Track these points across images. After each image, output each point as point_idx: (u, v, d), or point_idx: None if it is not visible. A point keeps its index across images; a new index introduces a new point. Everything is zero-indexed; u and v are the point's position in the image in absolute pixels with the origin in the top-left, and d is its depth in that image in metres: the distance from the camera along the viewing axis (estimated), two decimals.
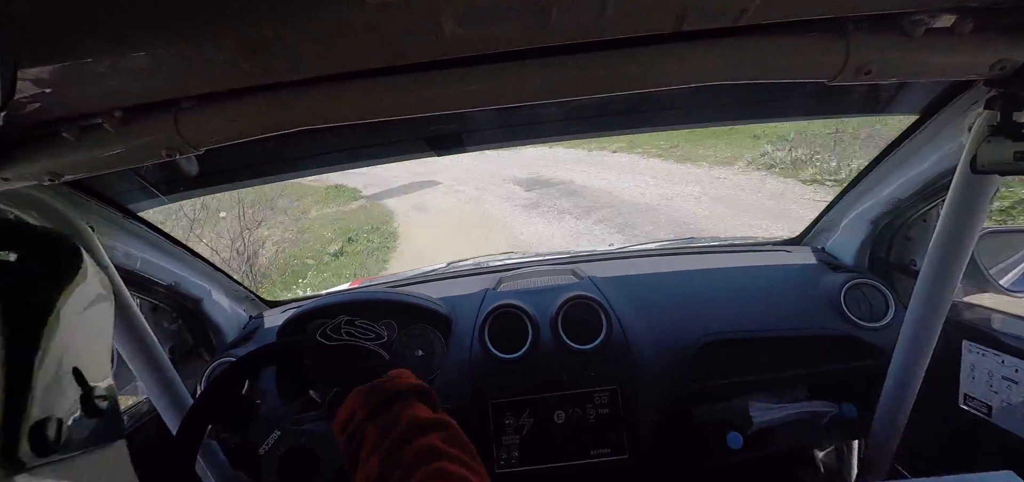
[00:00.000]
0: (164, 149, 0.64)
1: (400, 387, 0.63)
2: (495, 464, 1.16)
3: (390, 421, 0.58)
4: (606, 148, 9.76)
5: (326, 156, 1.13)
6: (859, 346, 1.21)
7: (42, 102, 0.54)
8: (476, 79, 0.60)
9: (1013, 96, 0.66)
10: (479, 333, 1.24)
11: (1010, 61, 0.59)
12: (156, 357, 0.98)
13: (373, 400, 0.61)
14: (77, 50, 0.45)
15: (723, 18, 0.53)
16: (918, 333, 0.95)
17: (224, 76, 0.55)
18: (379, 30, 0.49)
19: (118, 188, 1.02)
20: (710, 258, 1.57)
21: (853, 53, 0.57)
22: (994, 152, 0.69)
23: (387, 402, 0.61)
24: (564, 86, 0.61)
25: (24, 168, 0.64)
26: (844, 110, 1.10)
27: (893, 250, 1.32)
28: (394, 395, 0.62)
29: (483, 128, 1.07)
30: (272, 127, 0.63)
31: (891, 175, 1.17)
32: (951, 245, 0.85)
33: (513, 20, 0.50)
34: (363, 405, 0.61)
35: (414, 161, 1.20)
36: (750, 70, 0.60)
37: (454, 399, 1.18)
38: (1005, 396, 0.99)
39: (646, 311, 1.29)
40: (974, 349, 1.05)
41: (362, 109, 0.62)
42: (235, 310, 1.45)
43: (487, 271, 1.60)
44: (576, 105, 1.01)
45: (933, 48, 0.58)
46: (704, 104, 1.05)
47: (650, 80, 0.61)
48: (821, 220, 1.52)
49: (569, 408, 1.18)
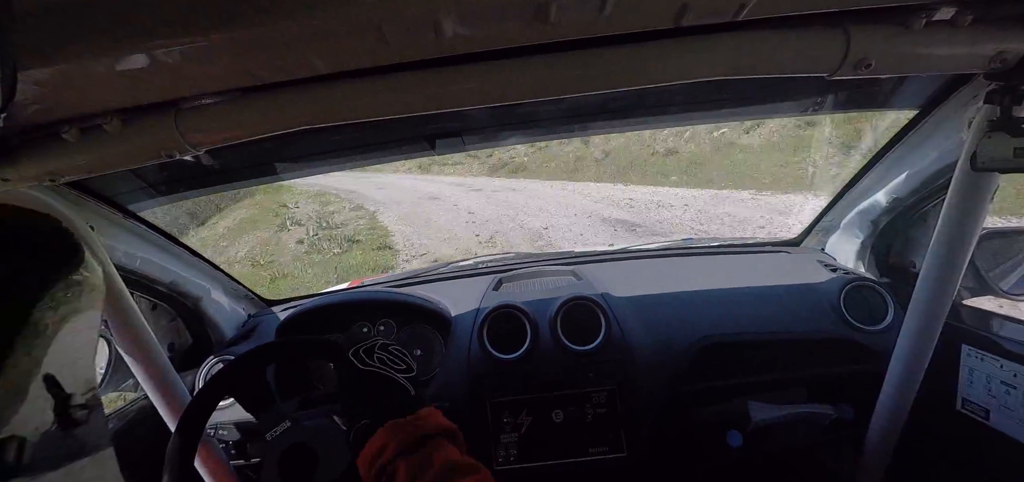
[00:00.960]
0: (164, 150, 0.64)
1: (431, 428, 0.64)
2: (494, 462, 1.16)
3: (423, 462, 0.59)
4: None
5: (326, 156, 1.13)
6: (858, 349, 1.21)
7: (42, 103, 0.54)
8: (476, 77, 0.60)
9: (1013, 90, 0.66)
10: (478, 333, 1.24)
11: (1010, 53, 0.59)
12: (154, 355, 0.99)
13: (404, 438, 0.62)
14: (77, 50, 0.45)
15: (722, 13, 0.53)
16: (917, 336, 0.95)
17: (224, 76, 0.55)
18: (379, 29, 0.49)
19: (118, 188, 1.02)
20: (709, 259, 1.57)
21: (853, 47, 0.57)
22: (994, 149, 0.69)
23: (418, 442, 0.62)
24: (564, 83, 0.61)
25: (24, 169, 0.64)
26: (844, 105, 1.10)
27: (892, 251, 1.32)
28: (426, 436, 0.63)
29: (483, 126, 1.07)
30: (272, 127, 0.63)
31: (890, 173, 1.17)
32: (952, 244, 0.84)
33: (513, 18, 0.50)
34: (394, 441, 0.61)
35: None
36: (750, 65, 0.60)
37: (453, 398, 1.19)
38: (1003, 400, 0.99)
39: (645, 312, 1.29)
40: (973, 353, 1.05)
41: (362, 108, 0.62)
42: (234, 308, 1.45)
43: (487, 271, 1.60)
44: (576, 102, 1.00)
45: (933, 41, 0.58)
46: (704, 100, 1.05)
47: (650, 76, 0.61)
48: (821, 221, 1.52)
49: (567, 407, 1.18)
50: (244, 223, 10.84)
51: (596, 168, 10.43)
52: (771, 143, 8.30)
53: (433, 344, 1.36)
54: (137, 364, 0.98)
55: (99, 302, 0.36)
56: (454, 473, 0.57)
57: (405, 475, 0.57)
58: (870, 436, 1.12)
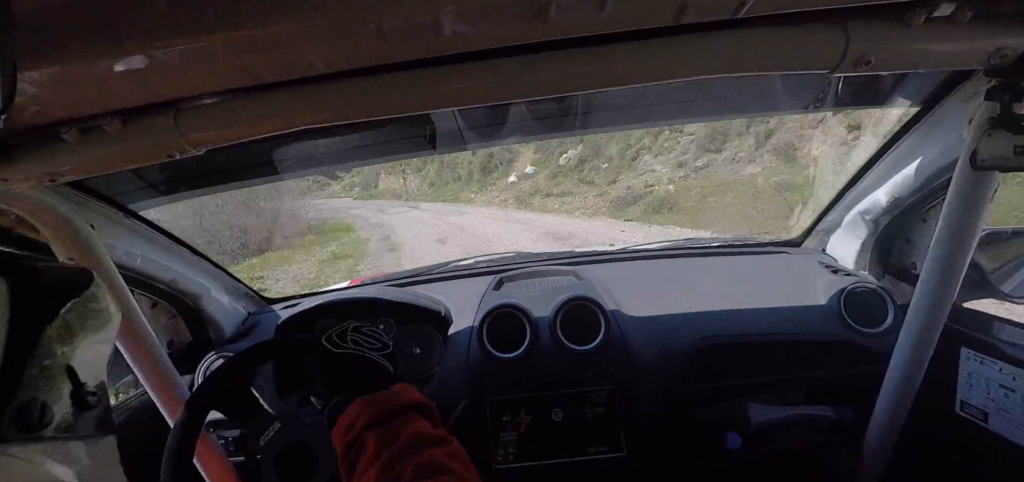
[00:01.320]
0: (164, 150, 0.64)
1: (403, 402, 0.64)
2: (493, 460, 1.17)
3: (391, 434, 0.58)
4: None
5: (326, 156, 1.13)
6: (858, 351, 1.20)
7: (42, 103, 0.54)
8: (476, 76, 0.60)
9: (1013, 86, 0.65)
10: (478, 333, 1.24)
11: (1010, 49, 0.59)
12: (154, 352, 0.99)
13: (375, 412, 0.61)
14: (77, 50, 0.45)
15: (722, 11, 0.53)
16: (917, 338, 0.95)
17: (224, 76, 0.55)
18: (379, 29, 0.49)
19: (118, 187, 1.02)
20: (710, 260, 1.57)
21: (852, 44, 0.57)
22: (994, 147, 0.68)
23: (389, 416, 0.61)
24: (564, 82, 0.61)
25: (24, 169, 0.64)
26: (843, 101, 1.10)
27: (893, 252, 1.32)
28: (397, 409, 0.62)
29: (483, 125, 1.07)
30: (272, 127, 0.63)
31: (891, 172, 1.16)
32: (952, 244, 0.84)
33: (512, 17, 0.50)
34: (365, 414, 0.61)
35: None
36: (749, 63, 0.60)
37: (452, 397, 1.19)
38: (1002, 403, 0.99)
39: (645, 313, 1.29)
40: (972, 356, 1.05)
41: (362, 108, 0.62)
42: (234, 306, 1.45)
43: (487, 271, 1.60)
44: (576, 100, 1.00)
45: (933, 37, 0.58)
46: (704, 98, 1.05)
47: (650, 74, 0.61)
48: (821, 221, 1.52)
49: (567, 407, 1.18)
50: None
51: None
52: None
53: (433, 343, 1.36)
54: (137, 361, 0.98)
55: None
56: (423, 445, 0.57)
57: (374, 447, 0.57)
58: (869, 438, 1.12)
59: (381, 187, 27.06)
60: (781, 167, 9.51)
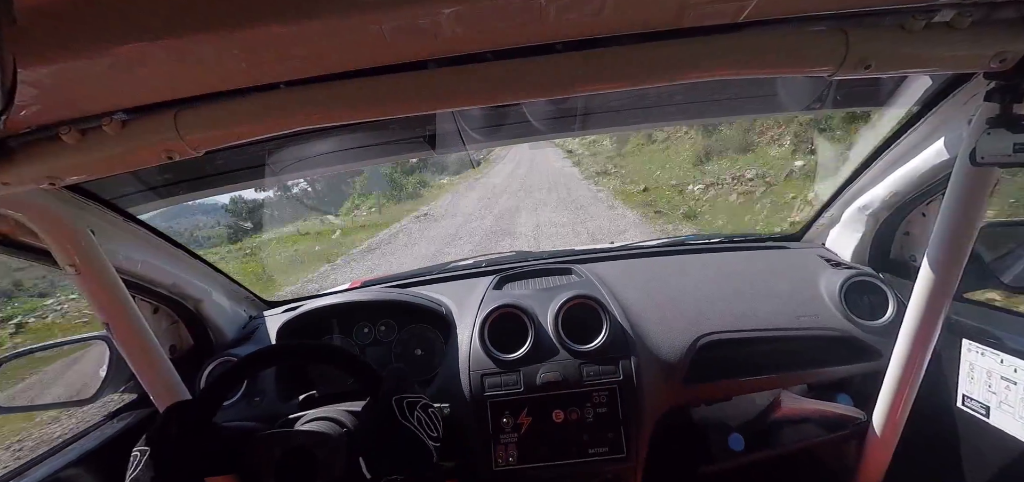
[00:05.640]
0: (164, 151, 0.63)
1: None
2: (493, 462, 1.16)
3: None
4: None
5: (326, 156, 1.13)
6: (859, 345, 1.20)
7: (42, 104, 0.54)
8: (476, 77, 0.60)
9: (1014, 88, 0.66)
10: (479, 332, 1.24)
11: (1010, 53, 0.59)
12: (156, 357, 0.98)
13: None
14: (77, 51, 0.45)
15: (723, 14, 0.53)
16: (919, 331, 0.95)
17: (224, 76, 0.55)
18: (379, 29, 0.49)
19: (118, 191, 1.02)
20: (710, 256, 1.57)
21: (853, 47, 0.57)
22: (993, 144, 0.69)
23: None
24: (564, 83, 0.61)
25: (24, 172, 0.63)
26: (844, 103, 1.10)
27: (893, 246, 1.32)
28: None
29: (482, 126, 1.07)
30: (272, 127, 0.63)
31: (891, 169, 1.17)
32: (952, 239, 0.84)
33: (512, 18, 0.50)
34: None
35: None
36: (751, 65, 0.60)
37: (453, 397, 1.18)
38: (1003, 396, 0.99)
39: (646, 311, 1.29)
40: (973, 348, 1.05)
41: (362, 108, 0.62)
42: (235, 310, 1.45)
43: (488, 270, 1.59)
44: (576, 102, 1.01)
45: (933, 41, 0.58)
46: (705, 100, 1.05)
47: (650, 76, 0.61)
48: (821, 216, 1.52)
49: (568, 407, 1.18)
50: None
51: None
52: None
53: (434, 344, 1.36)
54: (139, 367, 0.98)
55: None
56: None
57: None
58: (871, 432, 1.12)
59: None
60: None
